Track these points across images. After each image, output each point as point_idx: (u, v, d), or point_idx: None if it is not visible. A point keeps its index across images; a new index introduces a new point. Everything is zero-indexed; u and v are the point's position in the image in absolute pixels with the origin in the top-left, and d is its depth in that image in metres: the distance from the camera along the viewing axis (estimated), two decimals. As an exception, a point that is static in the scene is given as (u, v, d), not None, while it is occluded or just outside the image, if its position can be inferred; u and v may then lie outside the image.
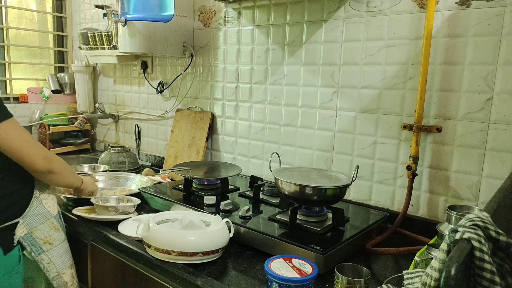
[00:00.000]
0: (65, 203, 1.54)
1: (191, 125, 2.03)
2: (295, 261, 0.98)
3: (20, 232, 1.21)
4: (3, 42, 2.46)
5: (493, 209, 0.75)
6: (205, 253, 1.08)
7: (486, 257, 0.60)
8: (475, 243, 0.61)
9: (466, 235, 0.61)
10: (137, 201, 1.47)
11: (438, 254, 0.62)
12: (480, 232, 0.62)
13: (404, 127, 1.38)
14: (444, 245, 0.63)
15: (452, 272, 0.53)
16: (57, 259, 1.28)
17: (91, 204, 1.43)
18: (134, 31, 1.82)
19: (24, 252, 1.26)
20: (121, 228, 1.32)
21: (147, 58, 2.25)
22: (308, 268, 0.95)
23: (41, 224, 1.25)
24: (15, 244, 1.20)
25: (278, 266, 0.95)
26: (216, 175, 1.60)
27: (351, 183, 1.26)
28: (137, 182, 1.78)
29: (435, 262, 0.61)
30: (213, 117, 1.98)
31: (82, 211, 1.43)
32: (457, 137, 1.29)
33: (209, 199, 1.40)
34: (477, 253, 0.60)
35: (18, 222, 1.20)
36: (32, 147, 1.18)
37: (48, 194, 1.29)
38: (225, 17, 1.87)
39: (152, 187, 1.61)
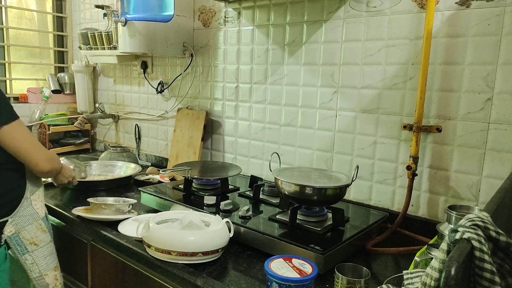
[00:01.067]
0: (65, 203, 1.54)
1: (190, 124, 2.03)
2: (295, 261, 0.98)
3: (8, 231, 1.22)
4: (3, 42, 2.46)
5: (493, 209, 0.75)
6: (205, 253, 1.08)
7: (486, 257, 0.60)
8: (475, 243, 0.61)
9: (466, 235, 0.61)
10: (132, 201, 1.48)
11: (438, 254, 0.62)
12: (480, 232, 0.62)
13: (404, 127, 1.38)
14: (444, 245, 0.63)
15: (452, 272, 0.52)
16: (41, 260, 1.29)
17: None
18: (134, 31, 1.82)
19: (9, 251, 1.26)
20: (121, 228, 1.32)
21: (147, 58, 2.25)
22: (308, 268, 0.95)
23: (29, 225, 1.26)
24: (2, 243, 1.21)
25: (278, 266, 0.95)
26: (216, 175, 1.60)
27: (351, 183, 1.26)
28: (124, 169, 1.94)
29: (435, 262, 0.61)
30: (207, 117, 1.97)
31: (82, 211, 1.43)
32: (457, 137, 1.29)
33: (209, 199, 1.40)
34: (477, 253, 0.60)
35: (7, 221, 1.22)
36: (36, 150, 1.24)
37: (38, 196, 1.31)
38: (225, 17, 1.87)
39: (152, 187, 1.61)
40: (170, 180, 1.88)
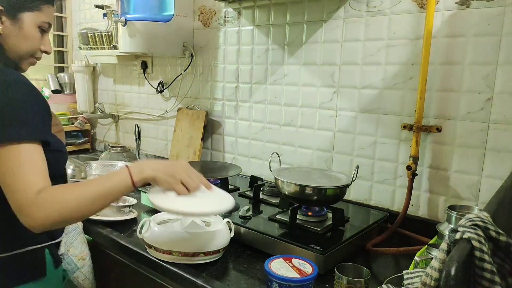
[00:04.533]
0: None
1: (189, 124, 2.03)
2: (295, 261, 0.98)
3: (60, 251, 1.13)
4: (3, 42, 2.46)
5: (493, 209, 0.75)
6: (206, 253, 1.08)
7: (486, 257, 0.60)
8: (475, 243, 0.61)
9: (466, 235, 0.61)
10: (133, 201, 1.48)
11: (438, 254, 0.62)
12: (480, 232, 0.62)
13: (404, 127, 1.38)
14: (444, 245, 0.63)
15: (452, 272, 0.53)
16: (90, 274, 1.23)
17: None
18: (134, 31, 1.82)
19: None
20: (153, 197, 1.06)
21: (147, 58, 2.25)
22: (308, 268, 0.95)
23: (75, 241, 1.21)
24: (61, 264, 1.10)
25: (278, 266, 0.95)
26: (216, 175, 1.60)
27: (351, 183, 1.26)
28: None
29: (435, 262, 0.61)
30: (207, 117, 1.97)
31: (82, 211, 1.43)
32: (457, 137, 1.29)
33: (209, 199, 1.40)
34: (477, 253, 0.60)
35: (61, 241, 1.13)
36: (18, 189, 0.82)
37: None
38: (225, 17, 1.87)
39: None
40: (170, 180, 1.88)
